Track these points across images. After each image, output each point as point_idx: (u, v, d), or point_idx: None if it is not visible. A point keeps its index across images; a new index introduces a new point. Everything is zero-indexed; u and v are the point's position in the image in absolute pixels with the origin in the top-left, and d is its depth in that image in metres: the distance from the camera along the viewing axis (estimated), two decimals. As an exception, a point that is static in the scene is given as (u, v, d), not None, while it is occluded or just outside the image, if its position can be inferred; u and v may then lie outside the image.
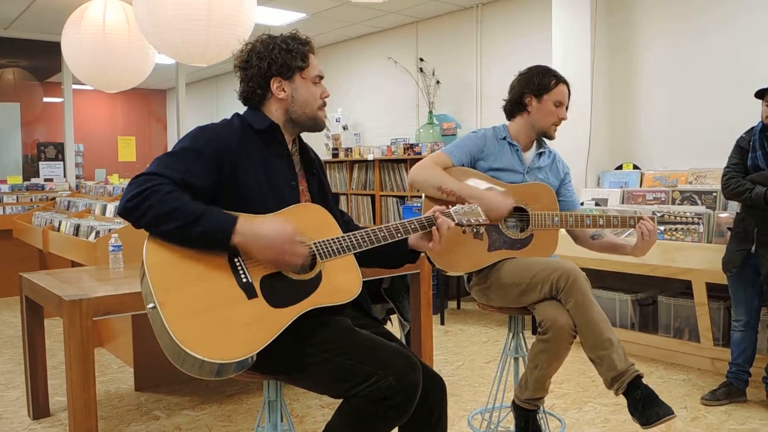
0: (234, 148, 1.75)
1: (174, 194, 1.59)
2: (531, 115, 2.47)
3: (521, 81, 2.49)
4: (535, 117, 2.47)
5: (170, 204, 1.57)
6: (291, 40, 1.84)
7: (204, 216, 1.58)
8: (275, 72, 1.82)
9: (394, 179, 6.37)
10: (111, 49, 4.37)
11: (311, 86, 1.86)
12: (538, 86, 2.44)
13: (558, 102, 2.44)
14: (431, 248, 1.89)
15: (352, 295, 1.74)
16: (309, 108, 1.86)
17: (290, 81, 1.84)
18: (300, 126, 1.89)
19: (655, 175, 4.49)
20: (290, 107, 1.85)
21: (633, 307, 4.12)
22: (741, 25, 4.25)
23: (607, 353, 2.14)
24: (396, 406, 1.58)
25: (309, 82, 1.86)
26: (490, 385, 3.48)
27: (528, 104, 2.47)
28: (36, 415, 3.14)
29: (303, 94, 1.85)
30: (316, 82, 1.87)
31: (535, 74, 2.46)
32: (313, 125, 1.90)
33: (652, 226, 2.29)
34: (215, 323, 1.53)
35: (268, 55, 1.81)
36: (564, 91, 2.46)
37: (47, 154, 7.32)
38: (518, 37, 5.73)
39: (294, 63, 1.82)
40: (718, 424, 3.01)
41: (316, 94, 1.87)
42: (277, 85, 1.83)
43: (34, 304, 3.05)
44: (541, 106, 2.44)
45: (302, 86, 1.85)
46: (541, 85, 2.43)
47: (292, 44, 1.83)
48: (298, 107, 1.85)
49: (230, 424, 3.03)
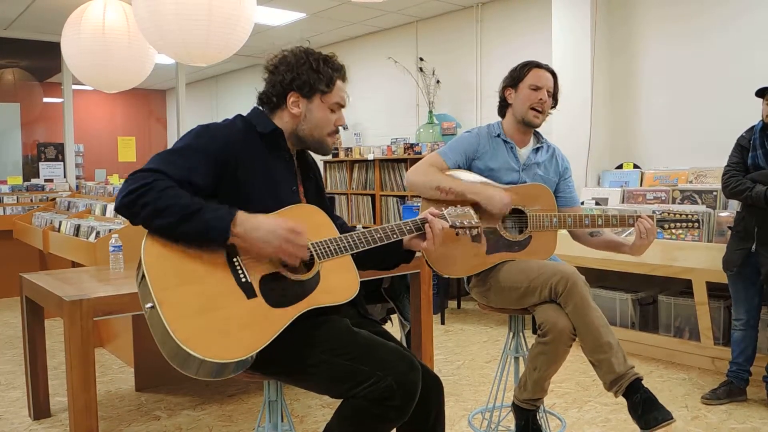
0: (236, 149, 1.74)
1: (172, 190, 1.58)
2: (513, 107, 2.49)
3: (503, 80, 2.53)
4: (515, 107, 2.48)
5: (168, 199, 1.56)
6: (323, 62, 1.84)
7: (203, 209, 1.57)
8: (296, 87, 1.82)
9: (394, 179, 6.37)
10: (111, 49, 4.36)
11: (327, 112, 1.86)
12: (512, 78, 2.48)
13: (533, 86, 2.43)
14: (426, 247, 1.88)
15: (350, 295, 1.75)
16: (318, 131, 1.86)
17: (308, 100, 1.84)
18: (305, 144, 1.89)
19: (656, 174, 4.48)
20: (300, 124, 1.85)
21: (633, 306, 4.12)
22: (741, 26, 4.24)
23: (606, 356, 2.14)
24: (395, 407, 1.58)
25: (326, 107, 1.85)
26: (490, 384, 3.48)
27: (508, 97, 2.50)
28: (36, 416, 3.14)
29: (316, 117, 1.84)
30: (334, 110, 1.87)
31: (513, 69, 2.51)
32: (318, 148, 1.90)
33: (650, 224, 2.28)
34: (215, 323, 1.52)
35: (296, 68, 1.81)
36: (540, 74, 2.44)
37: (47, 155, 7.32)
38: (518, 37, 5.73)
39: (317, 85, 1.82)
40: (719, 423, 3.01)
41: (330, 119, 1.87)
42: (294, 99, 1.83)
43: (34, 304, 3.05)
44: (518, 94, 2.46)
45: (318, 109, 1.85)
46: (515, 76, 2.48)
47: (323, 66, 1.83)
48: (308, 127, 1.85)
49: (231, 424, 3.03)
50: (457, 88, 6.28)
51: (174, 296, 1.51)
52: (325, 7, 6.15)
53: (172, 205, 1.55)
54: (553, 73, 2.49)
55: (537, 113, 2.44)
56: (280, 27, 6.83)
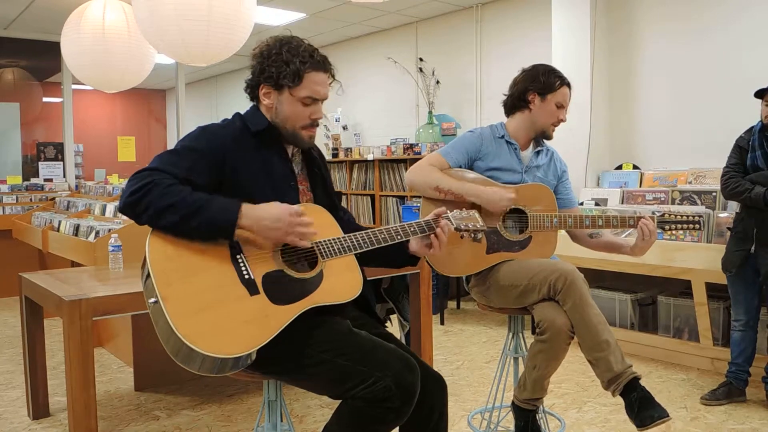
0: (234, 149, 1.75)
1: (175, 187, 1.60)
2: (533, 113, 2.46)
3: (526, 78, 2.47)
4: (537, 115, 2.45)
5: (172, 196, 1.57)
6: (294, 55, 1.77)
7: (208, 203, 1.58)
8: (263, 79, 1.81)
9: (393, 179, 6.37)
10: (111, 49, 4.37)
11: (298, 105, 1.80)
12: (543, 85, 2.42)
13: (560, 103, 2.44)
14: (432, 254, 1.89)
15: (352, 294, 1.75)
16: (290, 124, 1.83)
17: (278, 92, 1.81)
18: (282, 136, 1.86)
19: (655, 175, 4.48)
20: (274, 116, 1.84)
21: (633, 306, 4.12)
22: (741, 25, 4.25)
23: (604, 355, 2.14)
24: (394, 409, 1.58)
25: (296, 100, 1.80)
26: (489, 384, 3.48)
27: (531, 101, 2.45)
28: (36, 416, 3.14)
29: (287, 109, 1.81)
30: (306, 103, 1.81)
31: (541, 72, 2.44)
32: (293, 141, 1.86)
33: (653, 226, 2.28)
34: (217, 319, 1.53)
35: (267, 60, 1.79)
36: (567, 93, 2.46)
37: (47, 154, 7.30)
38: (518, 37, 5.72)
39: (283, 78, 1.78)
40: (718, 423, 3.01)
41: (301, 113, 1.81)
42: (265, 91, 1.82)
43: (33, 304, 3.05)
44: (544, 105, 2.43)
45: (288, 102, 1.81)
46: (546, 84, 2.42)
47: (293, 59, 1.77)
48: (280, 120, 1.83)
49: (230, 424, 3.03)
50: (457, 88, 6.28)
51: (177, 292, 1.52)
52: (325, 8, 6.15)
53: (177, 201, 1.57)
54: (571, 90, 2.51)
55: (554, 128, 2.49)
56: (280, 27, 6.83)
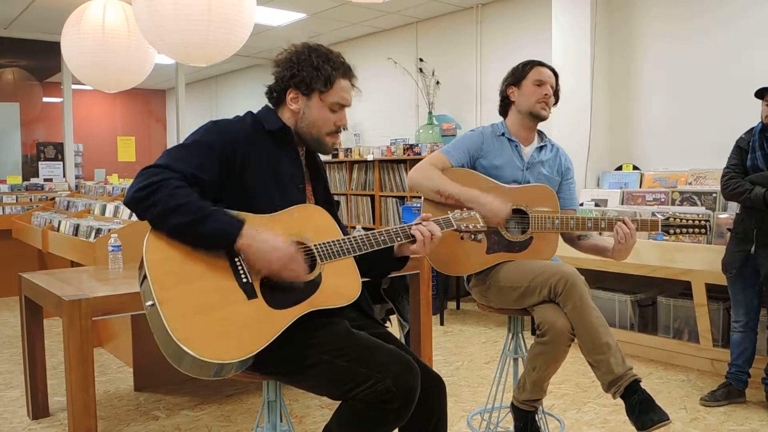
0: (245, 145, 1.75)
1: (183, 190, 1.59)
2: (516, 103, 2.50)
3: (504, 80, 2.56)
4: (520, 103, 2.49)
5: (178, 199, 1.57)
6: (324, 61, 1.82)
7: (212, 215, 1.58)
8: (294, 84, 1.82)
9: (393, 180, 6.37)
10: (111, 49, 4.36)
11: (326, 111, 1.84)
12: (514, 76, 2.51)
13: (537, 81, 2.46)
14: (415, 251, 1.86)
15: (351, 297, 1.74)
16: (316, 129, 1.85)
17: (307, 98, 1.83)
18: (304, 142, 1.89)
19: (655, 175, 4.48)
20: (299, 121, 1.85)
21: (632, 307, 4.12)
22: (741, 26, 4.25)
23: (604, 357, 2.14)
24: (394, 410, 1.58)
25: (325, 106, 1.84)
26: (489, 385, 3.48)
27: (511, 95, 2.51)
28: (35, 415, 3.14)
29: (314, 115, 1.84)
30: (334, 109, 1.85)
31: (514, 68, 2.54)
32: (317, 147, 1.90)
33: (629, 228, 2.26)
34: (215, 323, 1.52)
35: (297, 65, 1.81)
36: (542, 70, 2.48)
37: (47, 154, 7.30)
38: (518, 38, 5.73)
39: (315, 83, 1.81)
40: (718, 424, 3.01)
41: (328, 119, 1.85)
42: (292, 96, 1.83)
43: (33, 304, 3.05)
44: (521, 91, 2.48)
45: (317, 107, 1.83)
46: (516, 74, 2.51)
47: (324, 65, 1.81)
48: (305, 125, 1.85)
49: (230, 425, 3.03)
50: (457, 88, 6.28)
51: (174, 295, 1.51)
52: (325, 8, 6.15)
53: (182, 205, 1.56)
54: (554, 72, 2.51)
55: (545, 104, 2.47)
56: (280, 27, 6.83)
